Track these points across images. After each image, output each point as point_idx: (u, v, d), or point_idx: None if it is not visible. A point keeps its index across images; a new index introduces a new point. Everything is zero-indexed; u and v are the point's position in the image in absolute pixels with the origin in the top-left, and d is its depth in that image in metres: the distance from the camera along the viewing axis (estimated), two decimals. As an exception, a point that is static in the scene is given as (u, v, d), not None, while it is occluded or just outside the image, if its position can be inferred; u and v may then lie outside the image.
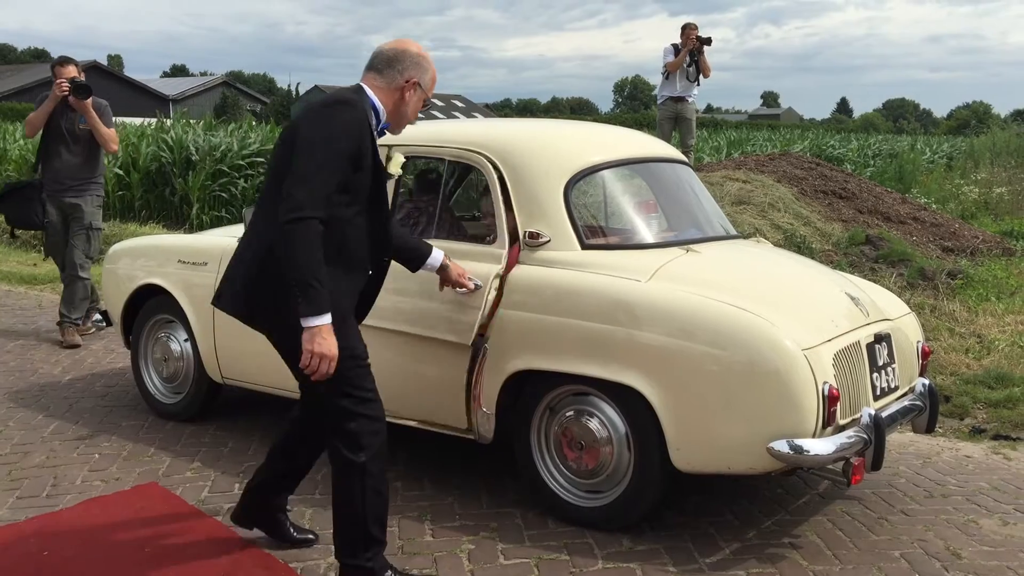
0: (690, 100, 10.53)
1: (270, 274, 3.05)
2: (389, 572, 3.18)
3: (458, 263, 3.80)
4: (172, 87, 65.67)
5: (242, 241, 3.29)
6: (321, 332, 2.88)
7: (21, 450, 4.68)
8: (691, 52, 10.27)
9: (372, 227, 3.22)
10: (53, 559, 3.50)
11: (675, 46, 10.41)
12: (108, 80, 58.89)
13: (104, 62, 67.09)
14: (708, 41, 10.30)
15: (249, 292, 3.15)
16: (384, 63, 3.22)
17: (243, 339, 4.54)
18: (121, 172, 14.31)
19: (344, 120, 3.02)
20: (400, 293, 3.91)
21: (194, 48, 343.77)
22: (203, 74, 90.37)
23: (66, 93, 6.48)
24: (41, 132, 6.68)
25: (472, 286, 3.79)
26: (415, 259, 3.70)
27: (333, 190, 2.97)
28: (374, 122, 3.17)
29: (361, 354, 3.14)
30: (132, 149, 14.77)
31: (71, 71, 6.56)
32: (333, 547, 3.23)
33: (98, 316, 7.07)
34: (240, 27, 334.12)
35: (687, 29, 10.36)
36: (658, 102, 10.85)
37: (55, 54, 13.88)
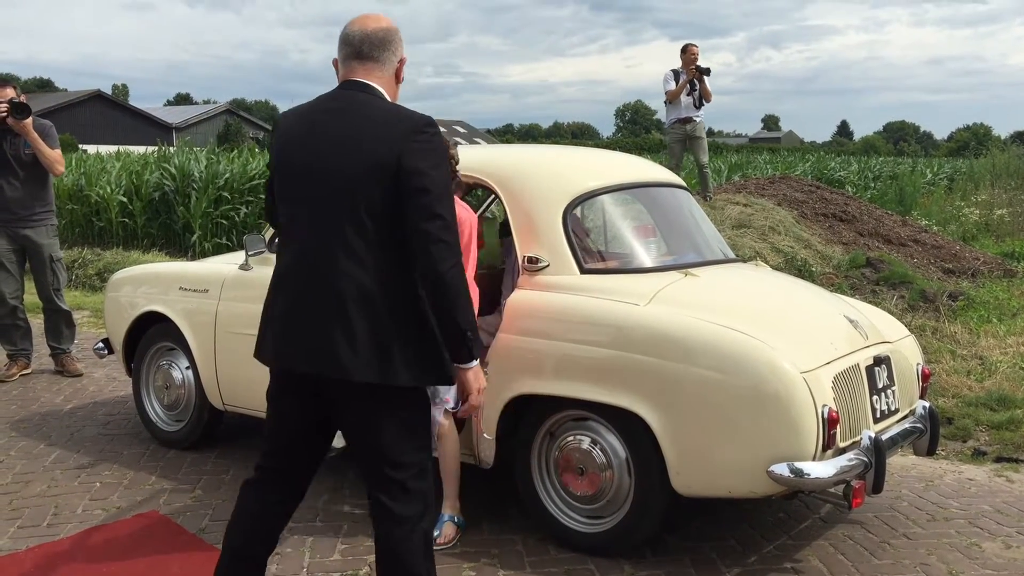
0: (698, 119, 10.53)
1: (405, 329, 2.64)
2: None
3: None
4: (176, 115, 66.13)
5: (325, 294, 2.64)
6: (477, 370, 2.70)
7: (22, 479, 4.67)
8: (691, 81, 10.31)
9: None
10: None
11: (675, 72, 10.44)
12: (112, 109, 59.42)
13: (108, 91, 67.54)
14: (707, 71, 10.33)
15: (388, 351, 2.61)
16: (378, 48, 2.76)
17: (244, 366, 4.56)
18: (125, 200, 14.39)
19: (441, 147, 2.69)
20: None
21: (198, 76, 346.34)
22: (206, 102, 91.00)
23: (3, 115, 6.17)
24: None
25: None
26: None
27: None
28: None
29: None
30: (135, 177, 14.87)
31: (8, 93, 6.29)
32: None
33: (100, 344, 7.06)
34: (244, 55, 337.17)
35: (688, 49, 10.38)
36: (666, 126, 10.84)
37: (60, 83, 13.96)
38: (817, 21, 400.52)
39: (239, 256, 4.86)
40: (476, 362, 2.68)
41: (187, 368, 5.00)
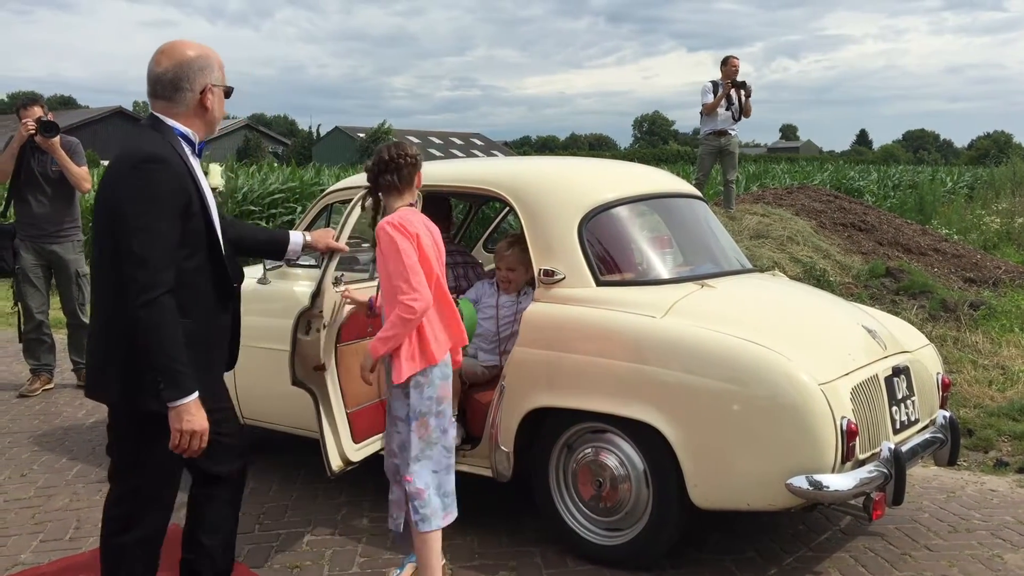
0: (733, 133, 10.41)
1: (116, 350, 2.82)
2: None
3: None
4: (196, 131, 66.46)
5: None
6: (190, 409, 2.73)
7: (45, 493, 4.72)
8: (728, 95, 10.17)
9: (215, 263, 2.96)
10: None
11: (714, 83, 10.31)
12: (133, 125, 59.80)
13: (130, 108, 68.18)
14: (743, 85, 10.20)
15: (102, 369, 2.88)
16: (169, 88, 2.87)
17: (264, 380, 4.60)
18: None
19: (160, 180, 2.73)
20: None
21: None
22: (226, 117, 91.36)
23: (32, 132, 6.26)
24: (11, 177, 6.46)
25: (345, 248, 3.82)
26: (276, 249, 3.58)
27: (172, 254, 2.75)
28: (187, 150, 2.90)
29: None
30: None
31: (36, 111, 6.36)
32: None
33: None
34: (264, 71, 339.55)
35: (728, 61, 10.26)
36: (701, 136, 10.69)
37: (82, 101, 14.08)
38: (835, 31, 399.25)
39: (258, 270, 4.90)
40: (181, 401, 2.71)
41: (207, 382, 5.02)
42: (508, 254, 4.35)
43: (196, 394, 2.75)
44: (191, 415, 2.73)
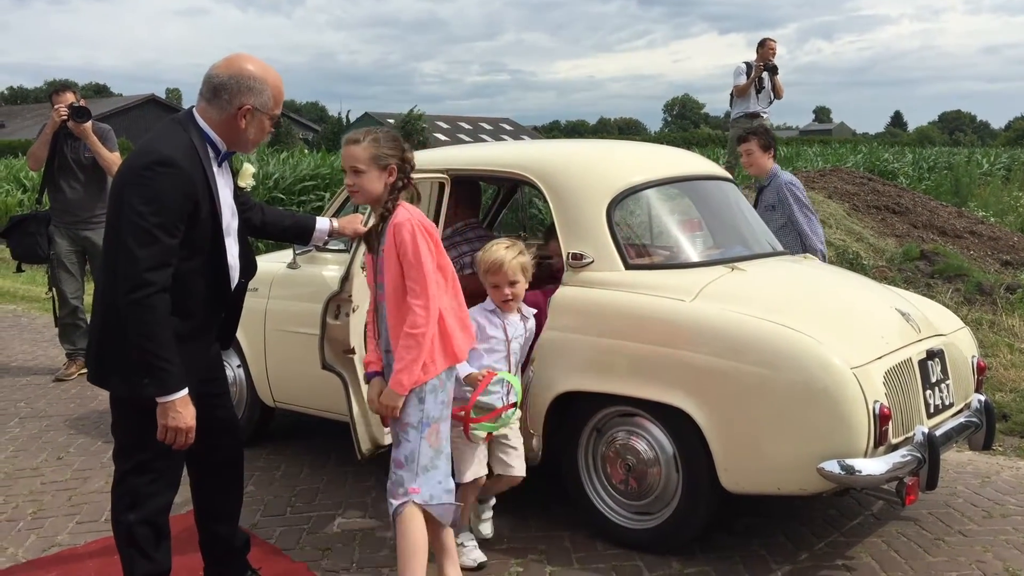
0: (765, 115, 10.35)
1: (112, 341, 2.88)
2: None
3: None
4: (227, 118, 66.88)
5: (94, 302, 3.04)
6: (175, 406, 2.77)
7: (81, 476, 4.79)
8: (760, 76, 10.10)
9: (216, 267, 2.96)
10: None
11: (748, 64, 10.25)
12: (165, 113, 60.38)
13: (163, 96, 68.75)
14: (774, 69, 10.15)
15: (100, 357, 2.96)
16: (211, 93, 2.90)
17: (294, 364, 4.64)
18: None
19: (167, 186, 2.74)
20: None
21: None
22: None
23: (64, 118, 6.36)
24: (46, 164, 6.57)
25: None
26: (302, 235, 3.57)
27: (169, 256, 2.76)
28: (211, 154, 2.91)
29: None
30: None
31: (68, 97, 6.46)
32: None
33: None
34: (294, 58, 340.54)
35: (765, 43, 10.19)
36: (732, 118, 10.63)
37: (115, 89, 14.23)
38: (870, 11, 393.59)
39: (287, 255, 4.93)
40: (167, 398, 2.76)
41: (238, 366, 5.07)
42: (508, 266, 3.58)
43: (183, 392, 2.78)
44: (176, 412, 2.78)
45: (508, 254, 3.58)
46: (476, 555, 3.64)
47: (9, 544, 3.97)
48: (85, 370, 6.90)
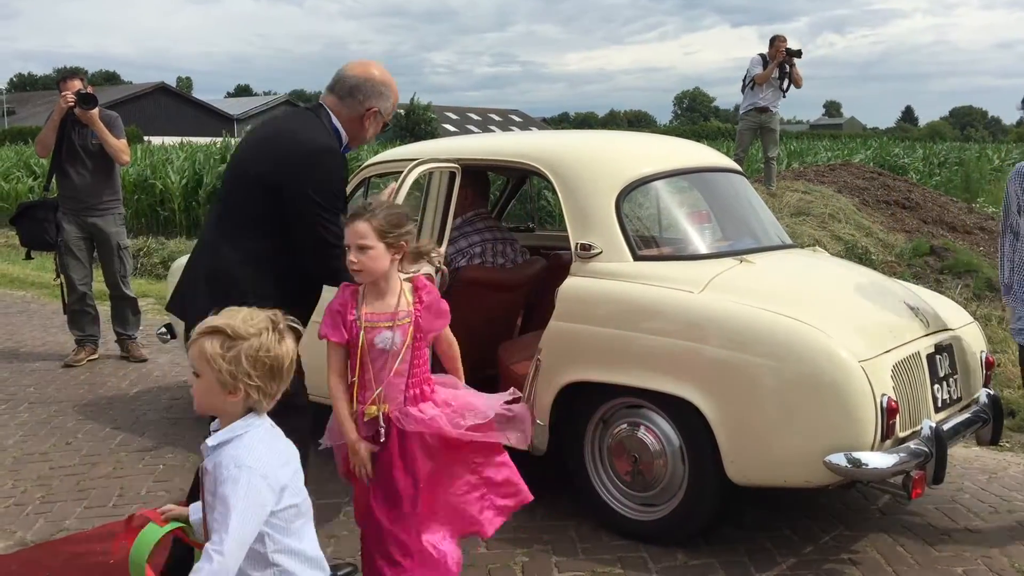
0: (775, 110, 10.29)
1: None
2: None
3: None
4: (237, 107, 67.16)
5: (204, 263, 3.20)
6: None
7: (89, 461, 4.81)
8: (781, 64, 10.07)
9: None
10: (120, 564, 3.59)
11: (763, 56, 10.19)
12: (175, 101, 60.58)
13: (173, 84, 68.82)
14: (798, 53, 10.08)
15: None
16: (346, 91, 3.19)
17: (305, 352, 4.63)
18: (188, 189, 14.72)
19: (338, 168, 3.08)
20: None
21: (261, 68, 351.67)
22: (266, 93, 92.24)
23: (71, 104, 6.37)
24: (53, 150, 6.56)
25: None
26: None
27: None
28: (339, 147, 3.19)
29: None
30: (199, 166, 15.18)
31: (76, 84, 6.47)
32: None
33: (162, 329, 7.17)
34: (306, 47, 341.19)
35: (776, 41, 10.15)
36: (741, 112, 10.58)
37: (126, 77, 14.31)
38: (883, 5, 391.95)
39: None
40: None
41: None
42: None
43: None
44: None
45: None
46: None
47: (18, 528, 3.99)
48: (95, 356, 6.99)
